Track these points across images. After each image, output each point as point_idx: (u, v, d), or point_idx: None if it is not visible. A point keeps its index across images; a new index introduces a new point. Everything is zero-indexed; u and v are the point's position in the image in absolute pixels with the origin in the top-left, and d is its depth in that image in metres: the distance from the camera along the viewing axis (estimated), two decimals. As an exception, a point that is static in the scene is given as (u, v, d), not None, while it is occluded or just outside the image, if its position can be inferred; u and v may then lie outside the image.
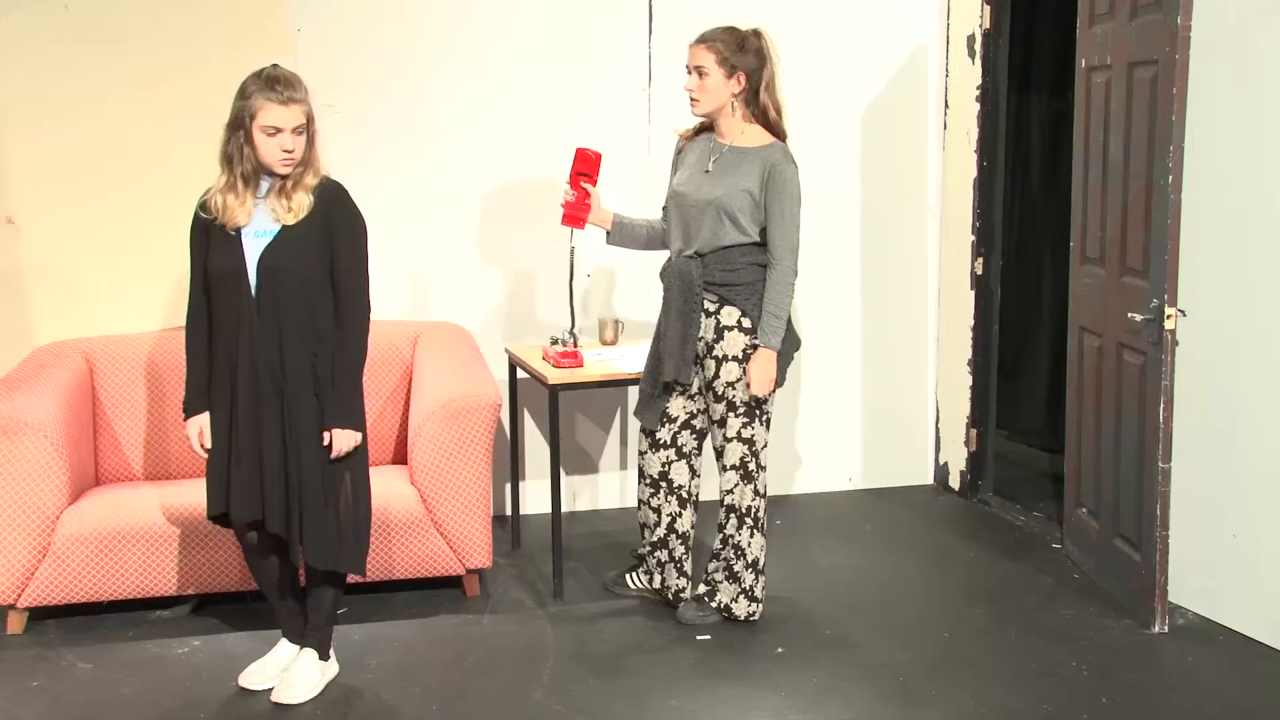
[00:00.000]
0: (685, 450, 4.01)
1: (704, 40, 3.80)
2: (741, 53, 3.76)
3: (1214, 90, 3.85)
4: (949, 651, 3.81)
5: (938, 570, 4.51)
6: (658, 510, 4.05)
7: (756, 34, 3.80)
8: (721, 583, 3.99)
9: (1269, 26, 3.70)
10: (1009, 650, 3.82)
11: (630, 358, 4.37)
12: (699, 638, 3.91)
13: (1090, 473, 4.38)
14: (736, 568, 3.96)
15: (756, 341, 3.81)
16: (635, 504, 5.22)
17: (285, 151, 3.29)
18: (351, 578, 3.66)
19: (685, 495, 4.04)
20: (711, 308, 3.85)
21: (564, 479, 5.09)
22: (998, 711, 3.42)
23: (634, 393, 5.13)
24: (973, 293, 5.21)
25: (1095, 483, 4.34)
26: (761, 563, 3.98)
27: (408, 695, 3.53)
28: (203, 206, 3.39)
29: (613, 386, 4.34)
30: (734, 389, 3.84)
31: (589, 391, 5.00)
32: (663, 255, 4.08)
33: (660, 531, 4.07)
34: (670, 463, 4.01)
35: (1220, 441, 3.94)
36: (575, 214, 3.99)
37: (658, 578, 4.13)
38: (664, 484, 4.03)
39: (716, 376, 3.85)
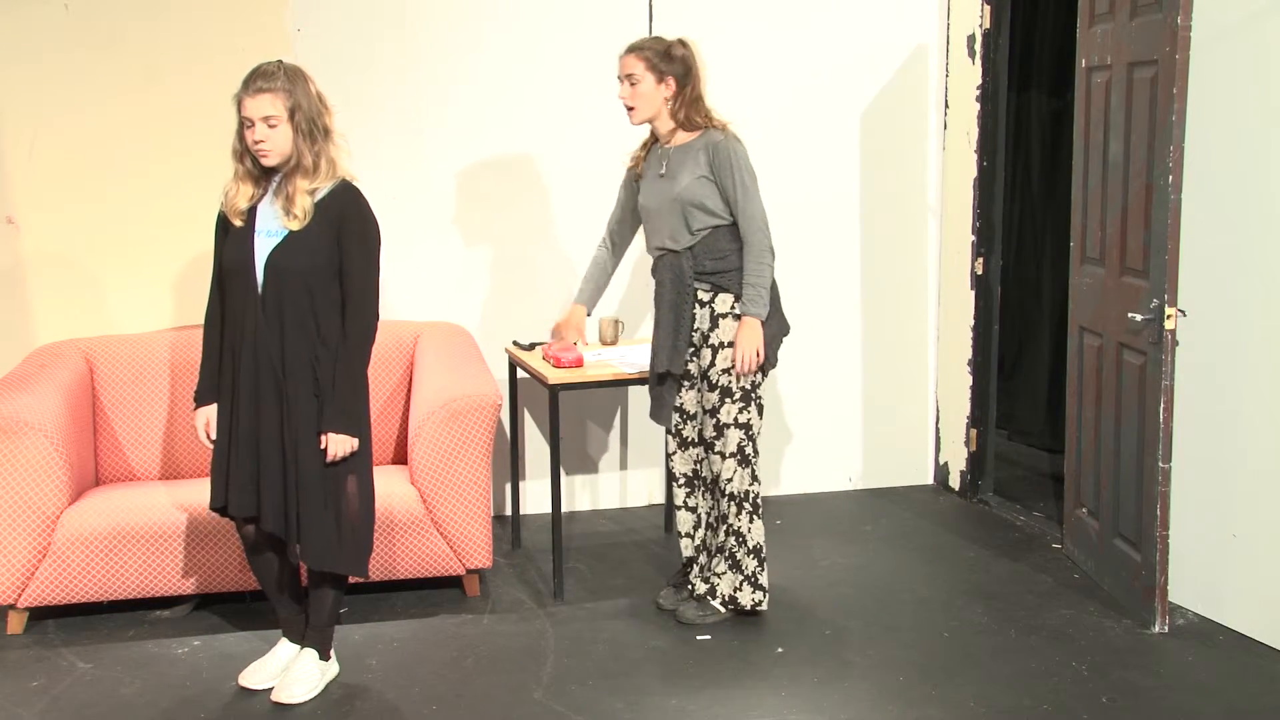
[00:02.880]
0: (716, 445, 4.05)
1: (632, 49, 3.90)
2: (669, 60, 3.85)
3: (1214, 90, 3.85)
4: (949, 651, 3.81)
5: (938, 570, 4.51)
6: (695, 510, 4.07)
7: (683, 43, 3.91)
8: (725, 574, 3.99)
9: (1268, 26, 3.70)
10: (1009, 650, 3.82)
11: (630, 358, 4.37)
12: (699, 638, 3.91)
13: (1090, 473, 4.38)
14: (738, 555, 3.96)
15: (736, 315, 3.86)
16: (638, 504, 5.25)
17: (255, 143, 3.29)
18: (352, 578, 3.66)
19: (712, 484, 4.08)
20: (705, 297, 3.89)
21: (564, 479, 5.09)
22: (998, 711, 3.42)
23: (635, 392, 5.15)
24: (973, 293, 5.21)
25: (1095, 483, 4.34)
26: (764, 550, 3.99)
27: (408, 695, 3.53)
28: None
29: (613, 386, 4.34)
30: (729, 375, 3.86)
31: (589, 391, 5.01)
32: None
33: (701, 533, 4.08)
34: (701, 460, 4.03)
35: (1220, 441, 3.94)
36: (573, 363, 4.24)
37: (701, 585, 4.08)
38: (697, 480, 4.05)
39: (712, 364, 3.88)
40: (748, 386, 3.89)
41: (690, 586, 4.12)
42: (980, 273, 5.18)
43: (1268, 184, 3.74)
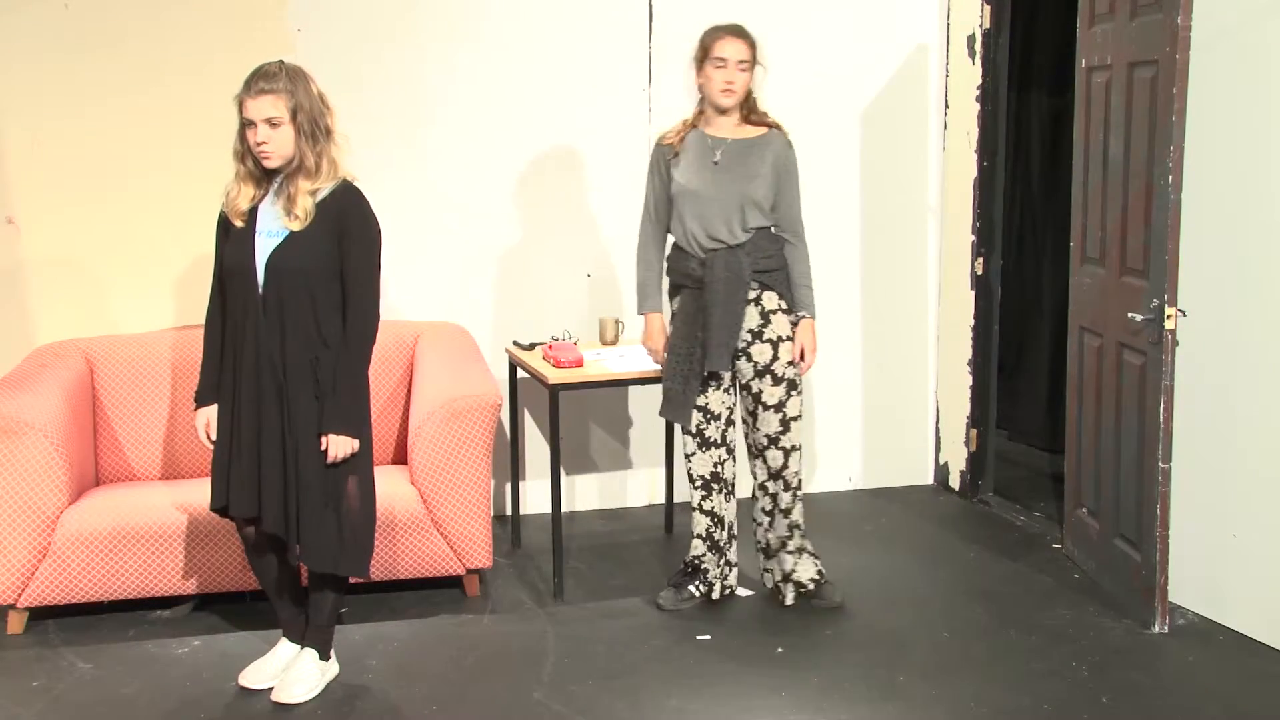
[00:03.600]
0: (733, 447, 4.11)
1: (745, 36, 3.99)
2: (758, 51, 4.01)
3: (1214, 90, 3.85)
4: (949, 651, 3.81)
5: (938, 570, 4.51)
6: (711, 513, 4.10)
7: None
8: (800, 563, 4.13)
9: (1268, 26, 3.70)
10: (1009, 650, 3.82)
11: (630, 357, 4.37)
12: (699, 638, 3.91)
13: (1090, 473, 4.38)
14: (807, 544, 4.14)
15: (800, 315, 4.02)
16: (638, 504, 5.25)
17: (258, 144, 3.28)
18: (353, 578, 3.66)
19: (731, 488, 4.14)
20: (752, 295, 3.95)
21: (564, 479, 5.09)
22: (998, 711, 3.42)
23: (635, 392, 5.14)
24: (973, 293, 5.21)
25: (1095, 483, 4.34)
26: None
27: (408, 695, 3.53)
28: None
29: (613, 386, 4.34)
30: (792, 368, 3.98)
31: (589, 391, 5.00)
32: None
33: (719, 534, 4.12)
34: (722, 461, 4.07)
35: (1220, 441, 3.94)
36: (573, 363, 4.24)
37: (719, 584, 4.15)
38: (716, 484, 4.08)
39: (775, 358, 3.96)
40: (798, 380, 4.02)
41: (709, 586, 4.14)
42: (980, 273, 5.18)
43: (1268, 184, 3.74)
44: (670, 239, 4.09)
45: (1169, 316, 3.80)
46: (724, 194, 3.89)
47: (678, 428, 5.06)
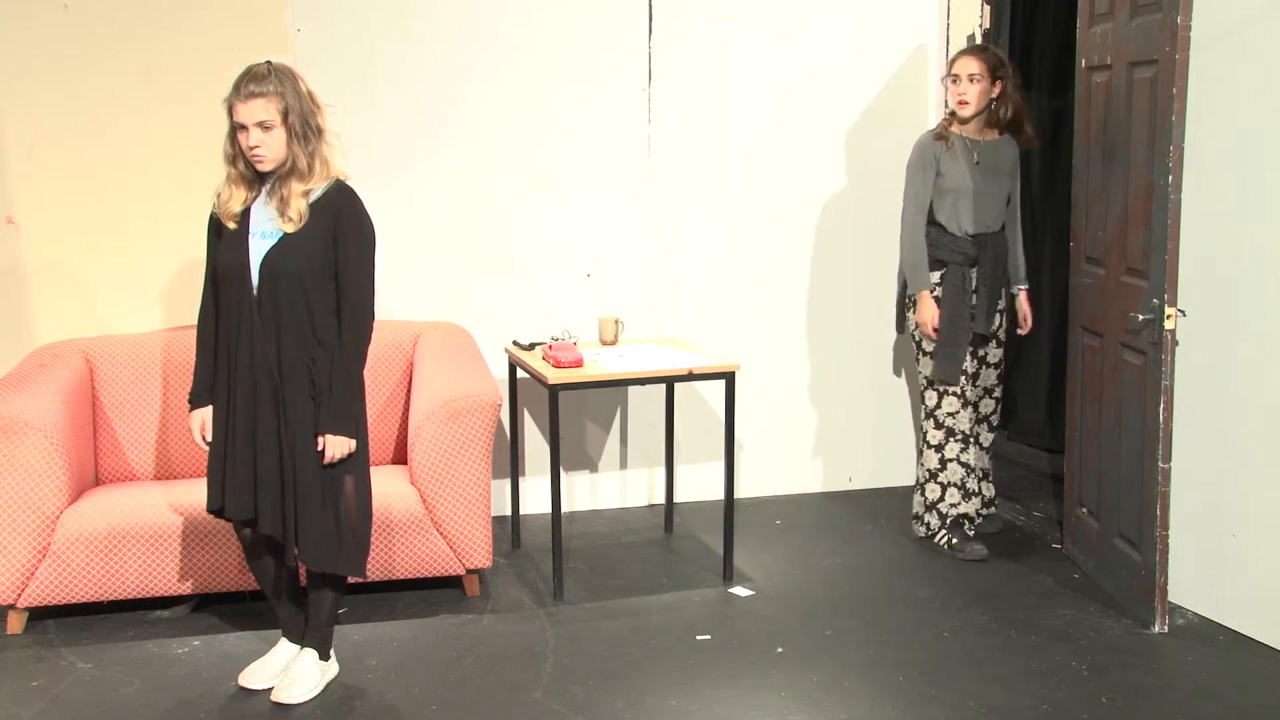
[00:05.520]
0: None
1: (978, 53, 4.51)
2: (1001, 64, 4.50)
3: (1214, 90, 3.85)
4: (949, 651, 3.81)
5: (938, 570, 4.51)
6: (967, 464, 4.61)
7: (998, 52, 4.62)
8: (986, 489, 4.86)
9: (1268, 26, 3.70)
10: (1009, 650, 3.82)
11: (630, 357, 4.37)
12: (699, 638, 3.91)
13: (1090, 473, 4.38)
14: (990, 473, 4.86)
15: (1021, 287, 4.79)
16: (638, 504, 5.25)
17: (251, 148, 3.27)
18: (352, 578, 3.66)
19: (976, 440, 4.80)
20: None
21: (564, 479, 5.09)
22: (998, 711, 3.42)
23: (635, 392, 5.14)
24: (973, 293, 5.20)
25: (1095, 483, 4.34)
26: None
27: (408, 695, 3.53)
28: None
29: (613, 386, 4.34)
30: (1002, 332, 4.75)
31: (589, 391, 5.00)
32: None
33: (971, 481, 4.63)
34: (971, 418, 4.65)
35: (1220, 441, 3.94)
36: (573, 363, 4.23)
37: (980, 517, 4.74)
38: (970, 437, 4.62)
39: (1001, 325, 4.70)
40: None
41: (974, 522, 4.67)
42: (980, 273, 5.17)
43: (1268, 184, 3.74)
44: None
45: (1169, 316, 3.80)
46: (991, 189, 4.51)
47: (679, 427, 5.07)
